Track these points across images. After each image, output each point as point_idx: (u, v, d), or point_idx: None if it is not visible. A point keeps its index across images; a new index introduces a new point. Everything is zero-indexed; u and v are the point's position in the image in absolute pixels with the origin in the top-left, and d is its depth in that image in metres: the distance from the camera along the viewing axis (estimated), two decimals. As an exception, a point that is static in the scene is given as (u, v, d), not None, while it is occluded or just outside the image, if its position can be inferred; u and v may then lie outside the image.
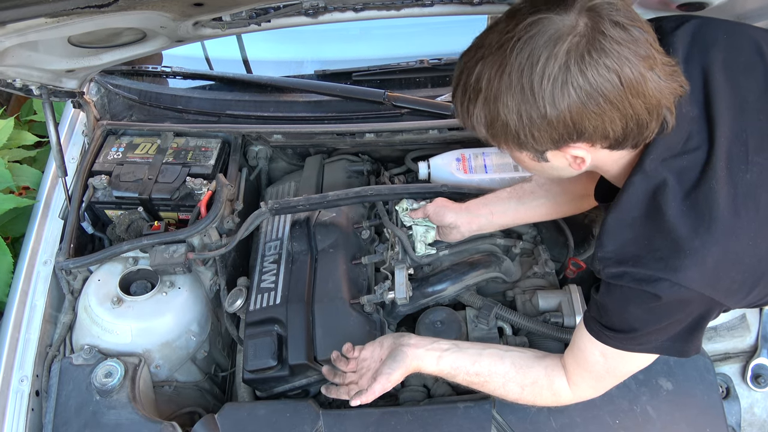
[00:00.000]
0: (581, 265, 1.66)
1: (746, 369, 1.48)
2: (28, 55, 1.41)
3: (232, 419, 1.40)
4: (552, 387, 1.25)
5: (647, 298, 1.00)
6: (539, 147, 0.98)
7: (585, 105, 0.91)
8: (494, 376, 1.28)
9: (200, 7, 1.30)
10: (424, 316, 1.55)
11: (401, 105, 1.93)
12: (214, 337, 1.76)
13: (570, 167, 1.05)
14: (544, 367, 1.27)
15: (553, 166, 1.06)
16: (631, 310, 1.05)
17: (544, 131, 0.94)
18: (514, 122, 0.94)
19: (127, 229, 1.73)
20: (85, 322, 1.57)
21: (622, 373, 1.20)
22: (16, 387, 1.50)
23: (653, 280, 0.98)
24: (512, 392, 1.27)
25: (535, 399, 1.28)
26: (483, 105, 0.96)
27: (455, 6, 1.58)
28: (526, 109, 0.92)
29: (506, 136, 0.98)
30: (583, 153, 1.00)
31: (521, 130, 0.95)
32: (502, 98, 0.93)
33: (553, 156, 1.02)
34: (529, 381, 1.27)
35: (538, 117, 0.92)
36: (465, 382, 1.30)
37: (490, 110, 0.96)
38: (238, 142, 1.91)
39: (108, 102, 2.02)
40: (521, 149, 1.01)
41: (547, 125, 0.93)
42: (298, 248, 1.65)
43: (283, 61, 2.30)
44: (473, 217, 1.52)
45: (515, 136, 0.97)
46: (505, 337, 1.53)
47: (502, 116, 0.95)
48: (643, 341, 1.10)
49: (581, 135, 0.95)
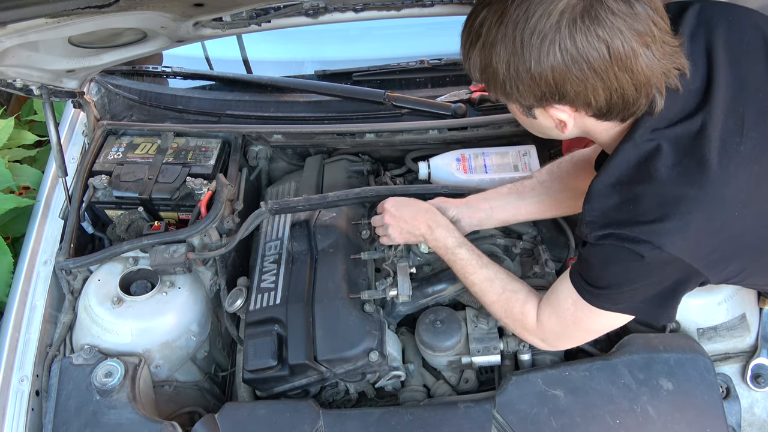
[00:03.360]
0: (581, 265, 1.66)
1: (746, 369, 1.48)
2: (28, 55, 1.41)
3: (232, 419, 1.40)
4: (524, 307, 1.33)
5: (628, 256, 1.01)
6: (524, 101, 1.02)
7: (568, 68, 0.93)
8: (486, 273, 1.38)
9: (201, 7, 1.30)
10: (424, 316, 1.55)
11: (401, 105, 1.94)
12: (214, 337, 1.76)
13: (556, 128, 1.09)
14: (528, 288, 1.37)
15: (540, 124, 1.10)
16: (611, 268, 1.07)
17: (527, 86, 0.97)
18: (503, 72, 0.98)
19: (127, 229, 1.73)
20: (85, 322, 1.57)
21: (586, 327, 1.23)
22: (16, 387, 1.50)
23: (637, 241, 0.99)
24: (493, 291, 1.36)
25: (506, 309, 1.35)
26: (480, 50, 1.00)
27: (455, 6, 1.58)
28: (514, 61, 0.96)
29: (495, 85, 1.02)
30: (565, 117, 1.02)
31: (508, 81, 0.98)
32: (496, 47, 0.97)
33: (539, 114, 1.06)
34: (511, 288, 1.35)
35: (524, 71, 0.95)
36: (459, 269, 1.42)
37: (485, 56, 1.00)
38: (238, 142, 1.91)
39: (108, 102, 2.03)
40: (508, 100, 1.05)
41: (530, 80, 0.96)
42: (298, 248, 1.65)
43: (283, 61, 2.30)
44: (473, 211, 1.53)
45: (502, 86, 1.00)
46: (505, 337, 1.53)
47: (493, 64, 0.98)
48: (617, 300, 1.13)
49: (563, 97, 0.97)
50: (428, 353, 1.53)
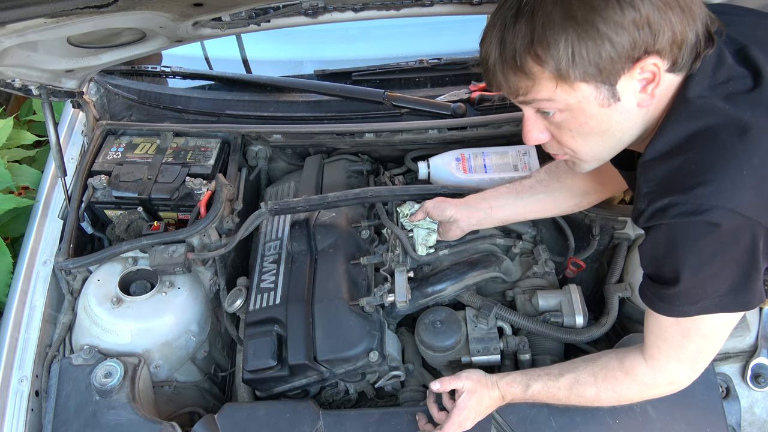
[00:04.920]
0: (581, 264, 1.66)
1: (746, 369, 1.48)
2: (27, 55, 1.40)
3: (232, 419, 1.40)
4: (623, 366, 1.19)
5: (698, 231, 0.92)
6: (617, 60, 0.90)
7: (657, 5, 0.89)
8: (567, 377, 1.25)
9: (200, 7, 1.30)
10: (424, 316, 1.55)
11: (401, 105, 1.94)
12: (214, 337, 1.76)
13: (638, 107, 0.98)
14: (615, 352, 1.24)
15: (622, 110, 0.98)
16: (679, 252, 0.96)
17: (622, 34, 0.88)
18: (589, 34, 0.88)
19: (126, 229, 1.73)
20: (84, 323, 1.57)
21: (699, 335, 1.07)
22: (15, 387, 1.50)
23: (704, 209, 0.89)
24: (587, 386, 1.23)
25: (613, 386, 1.21)
26: (550, 29, 0.89)
27: (455, 6, 1.58)
28: (599, 12, 0.88)
29: (582, 58, 0.90)
30: (656, 70, 0.93)
31: (601, 39, 0.88)
32: (571, 14, 0.88)
33: (624, 86, 0.94)
34: (599, 366, 1.22)
35: (614, 17, 0.88)
36: (545, 399, 1.29)
37: (561, 33, 0.89)
38: (237, 142, 1.91)
39: (107, 102, 2.02)
40: (595, 77, 0.92)
41: (622, 25, 0.88)
42: (298, 248, 1.65)
43: (282, 61, 2.30)
44: (472, 211, 1.52)
45: (594, 52, 0.89)
46: (505, 337, 1.53)
47: (573, 34, 0.89)
48: (698, 296, 1.00)
49: (655, 38, 0.90)
50: (428, 353, 1.53)
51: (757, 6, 1.20)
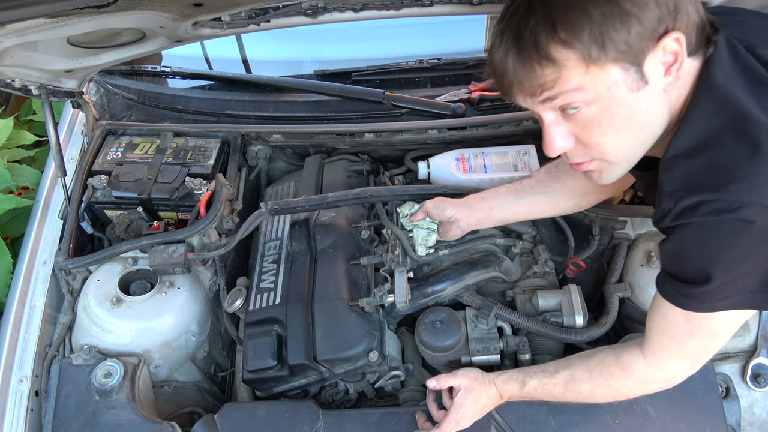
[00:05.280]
0: (581, 264, 1.66)
1: (746, 368, 1.48)
2: (27, 55, 1.40)
3: (232, 419, 1.40)
4: (620, 361, 1.17)
5: (731, 230, 0.88)
6: (645, 35, 0.86)
7: None
8: (563, 373, 1.25)
9: (199, 7, 1.30)
10: (424, 316, 1.55)
11: (401, 105, 1.94)
12: (214, 337, 1.76)
13: (665, 92, 0.93)
14: (611, 347, 1.22)
15: (650, 95, 0.92)
16: (711, 250, 0.91)
17: (646, 7, 0.85)
18: (616, 11, 0.84)
19: (126, 229, 1.73)
20: (84, 323, 1.57)
21: (708, 333, 1.05)
22: (15, 387, 1.50)
23: (737, 206, 0.85)
24: (583, 383, 1.22)
25: (608, 382, 1.19)
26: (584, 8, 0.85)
27: (455, 6, 1.58)
28: None
29: (611, 36, 0.85)
30: (677, 46, 0.89)
31: (627, 16, 0.84)
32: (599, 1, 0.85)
33: (650, 65, 0.90)
34: (595, 362, 1.21)
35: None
36: (541, 396, 1.29)
37: (589, 13, 0.85)
38: (237, 142, 1.91)
39: (107, 102, 2.02)
40: (626, 56, 0.88)
41: (654, 2, 0.85)
42: (298, 248, 1.65)
43: (282, 61, 2.30)
44: (472, 211, 1.52)
45: (623, 28, 0.85)
46: (505, 337, 1.53)
47: (598, 14, 0.85)
48: (728, 293, 0.96)
49: (677, 12, 0.87)
50: (428, 353, 1.53)
51: (757, 6, 1.20)
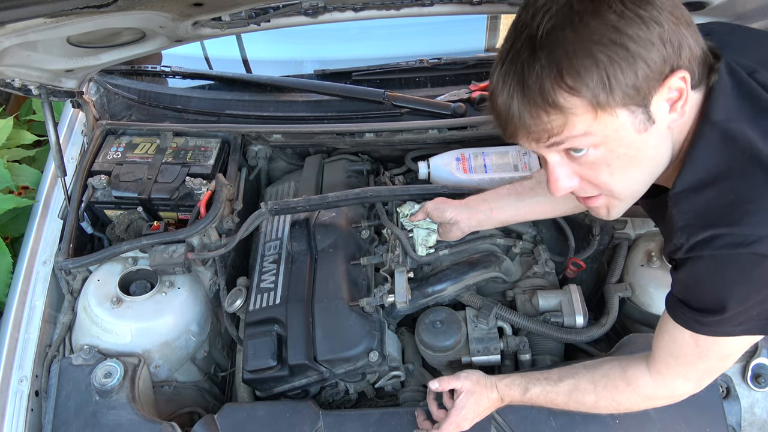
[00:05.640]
0: (581, 264, 1.66)
1: (746, 369, 1.48)
2: (27, 54, 1.40)
3: (232, 419, 1.40)
4: (626, 375, 1.17)
5: (746, 263, 0.88)
6: (651, 78, 0.86)
7: (668, 15, 0.85)
8: (567, 382, 1.24)
9: (200, 7, 1.30)
10: (424, 316, 1.55)
11: (401, 104, 1.94)
12: (214, 337, 1.76)
13: (669, 129, 0.93)
14: (617, 360, 1.22)
15: (656, 134, 0.92)
16: (726, 283, 0.91)
17: (652, 51, 0.84)
18: (624, 57, 0.83)
19: (126, 229, 1.73)
20: (84, 323, 1.57)
21: (717, 357, 1.05)
22: (15, 387, 1.50)
23: (751, 240, 0.85)
24: (587, 393, 1.22)
25: (612, 395, 1.19)
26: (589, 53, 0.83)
27: (455, 6, 1.58)
28: (628, 34, 0.83)
29: (619, 83, 0.84)
30: (684, 85, 0.89)
31: (634, 60, 0.84)
32: (602, 40, 0.83)
33: (656, 106, 0.89)
34: (600, 374, 1.21)
35: (642, 36, 0.84)
36: (543, 403, 1.28)
37: (595, 61, 0.83)
38: (237, 142, 1.91)
39: (107, 102, 2.02)
40: (633, 99, 0.86)
41: (651, 43, 0.84)
42: (298, 248, 1.65)
43: (282, 61, 2.30)
44: (473, 213, 1.52)
45: (630, 73, 0.84)
46: (505, 337, 1.53)
47: (605, 60, 0.84)
48: (742, 320, 0.96)
49: (679, 52, 0.87)
50: (428, 353, 1.53)
51: (757, 6, 1.20)
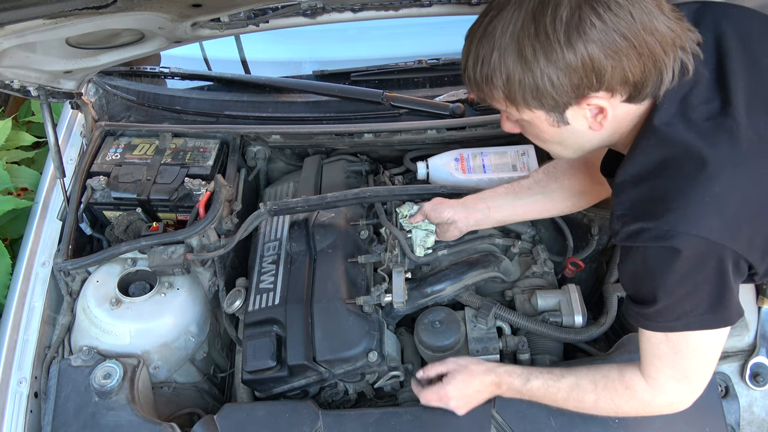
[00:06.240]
0: (580, 264, 1.66)
1: (745, 368, 1.48)
2: (26, 56, 1.41)
3: (232, 420, 1.40)
4: (623, 379, 1.21)
5: (667, 255, 0.97)
6: (560, 98, 0.96)
7: (603, 45, 0.91)
8: (569, 379, 1.26)
9: (198, 8, 1.30)
10: (423, 316, 1.55)
11: (400, 105, 1.94)
12: (213, 338, 1.76)
13: (590, 129, 1.03)
14: (617, 363, 1.26)
15: (572, 130, 1.04)
16: (654, 274, 1.01)
17: (565, 77, 0.93)
18: (534, 72, 0.94)
19: (125, 230, 1.73)
20: (83, 324, 1.57)
21: (690, 352, 1.10)
22: (14, 388, 1.50)
23: (671, 235, 0.94)
24: (587, 392, 1.24)
25: (612, 397, 1.22)
26: (501, 58, 0.95)
27: (453, 6, 1.58)
28: (546, 55, 0.92)
29: (523, 92, 0.97)
30: (605, 103, 0.98)
31: (541, 79, 0.94)
32: (521, 51, 0.93)
33: (572, 114, 1.00)
34: (600, 375, 1.24)
35: (560, 61, 0.92)
36: (542, 398, 1.30)
37: (506, 63, 0.95)
38: (236, 143, 1.91)
39: (106, 103, 2.02)
40: (539, 107, 0.99)
41: (567, 69, 0.93)
42: (297, 249, 1.65)
43: (281, 62, 2.30)
44: (470, 212, 1.52)
45: (534, 90, 0.96)
46: (504, 337, 1.53)
47: (517, 69, 0.95)
48: (678, 313, 1.05)
49: (601, 81, 0.94)
50: (427, 353, 1.53)
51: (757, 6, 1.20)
